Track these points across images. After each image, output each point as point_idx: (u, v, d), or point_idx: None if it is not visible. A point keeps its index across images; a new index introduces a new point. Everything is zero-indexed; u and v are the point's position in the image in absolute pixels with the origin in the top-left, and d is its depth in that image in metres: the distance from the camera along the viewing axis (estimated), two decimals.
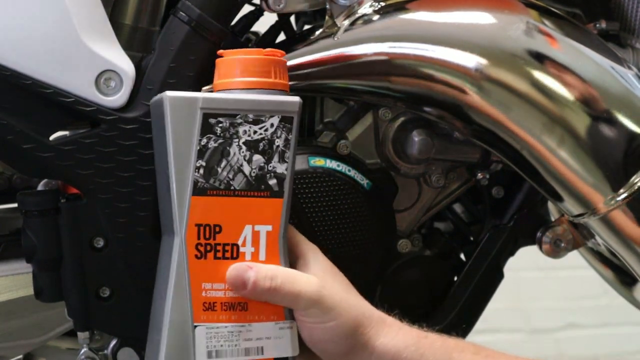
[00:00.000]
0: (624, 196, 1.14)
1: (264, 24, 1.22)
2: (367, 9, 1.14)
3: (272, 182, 1.02)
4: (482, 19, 1.14)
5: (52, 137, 1.06)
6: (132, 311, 1.07)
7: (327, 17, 1.14)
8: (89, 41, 1.04)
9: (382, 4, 1.14)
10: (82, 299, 1.07)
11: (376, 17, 1.13)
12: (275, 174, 1.02)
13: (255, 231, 1.02)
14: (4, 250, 1.12)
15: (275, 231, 1.02)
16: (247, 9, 1.19)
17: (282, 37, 1.22)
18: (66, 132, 1.10)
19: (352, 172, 1.17)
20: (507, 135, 1.14)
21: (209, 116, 1.00)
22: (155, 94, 1.07)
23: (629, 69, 1.17)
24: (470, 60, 1.12)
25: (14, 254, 1.12)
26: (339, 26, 1.13)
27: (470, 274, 1.26)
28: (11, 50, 1.03)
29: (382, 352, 1.02)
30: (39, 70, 1.03)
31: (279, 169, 1.02)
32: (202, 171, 1.00)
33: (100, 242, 1.07)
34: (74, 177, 1.06)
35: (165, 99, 1.00)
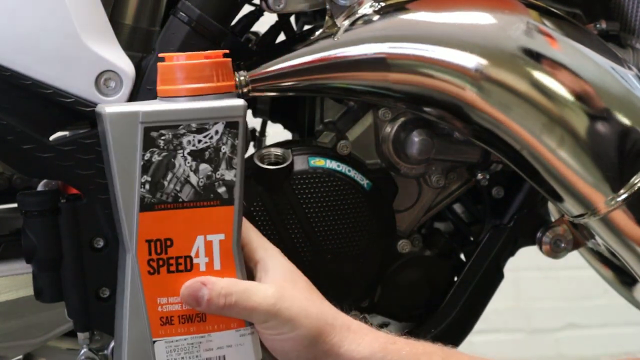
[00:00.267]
0: (624, 196, 1.14)
1: (264, 24, 1.22)
2: (367, 9, 1.14)
3: (222, 190, 1.00)
4: (482, 19, 1.14)
5: (52, 137, 1.06)
6: None
7: (327, 18, 1.14)
8: (89, 41, 1.04)
9: (382, 4, 1.14)
10: (82, 299, 1.06)
11: (376, 18, 1.13)
12: (224, 181, 1.00)
13: (207, 241, 1.00)
14: (4, 250, 1.12)
15: (228, 239, 1.00)
16: (247, 9, 1.19)
17: (282, 37, 1.22)
18: (66, 132, 1.10)
19: (352, 173, 1.17)
20: (507, 135, 1.14)
21: (151, 130, 0.97)
22: (155, 94, 1.06)
23: (629, 69, 1.17)
24: (470, 60, 1.12)
25: (14, 254, 1.12)
26: (339, 26, 1.13)
27: (470, 274, 1.26)
28: (11, 50, 1.03)
29: (348, 359, 1.00)
30: (39, 70, 1.03)
31: (228, 176, 1.00)
32: (147, 186, 0.98)
33: (100, 242, 1.07)
34: (74, 177, 1.06)
35: (104, 115, 0.98)
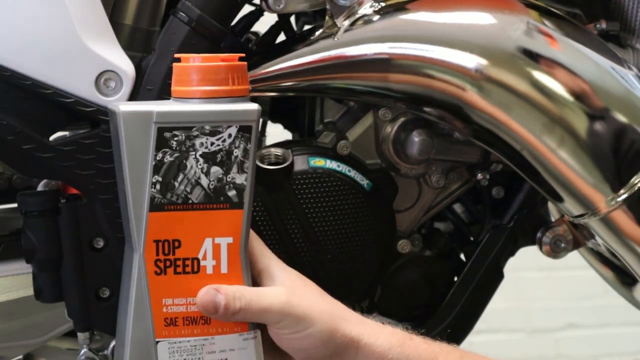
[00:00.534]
0: (624, 197, 1.14)
1: (264, 24, 1.22)
2: (367, 10, 1.14)
3: (232, 193, 1.00)
4: (482, 19, 1.14)
5: (52, 138, 1.06)
6: None
7: (327, 18, 1.14)
8: (89, 41, 1.04)
9: (382, 4, 1.14)
10: (82, 300, 1.07)
11: (376, 18, 1.13)
12: (234, 185, 1.00)
13: (215, 244, 1.00)
14: (4, 250, 1.12)
15: (236, 243, 1.00)
16: (247, 9, 1.19)
17: (282, 37, 1.22)
18: (66, 133, 1.10)
19: (352, 173, 1.17)
20: (507, 135, 1.14)
21: (164, 130, 0.97)
22: (155, 94, 1.07)
23: (629, 69, 1.17)
24: (470, 60, 1.12)
25: (14, 254, 1.12)
26: (339, 26, 1.13)
27: (470, 274, 1.26)
28: (11, 50, 1.03)
29: (368, 353, 1.01)
30: (38, 70, 1.03)
31: (238, 180, 1.00)
32: (158, 187, 0.98)
33: (100, 242, 1.07)
34: (74, 177, 1.06)
35: (118, 114, 0.97)
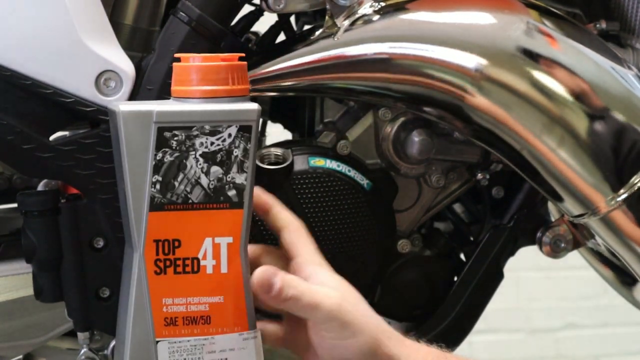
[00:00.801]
0: (624, 196, 1.14)
1: (264, 24, 1.22)
2: (367, 9, 1.14)
3: (232, 193, 1.00)
4: (482, 19, 1.14)
5: (52, 138, 1.06)
6: None
7: (327, 17, 1.14)
8: (89, 41, 1.04)
9: (382, 4, 1.14)
10: (82, 299, 1.07)
11: (376, 18, 1.13)
12: (234, 184, 1.00)
13: (215, 244, 1.00)
14: (4, 250, 1.12)
15: (236, 243, 1.00)
16: (247, 9, 1.19)
17: (282, 37, 1.22)
18: (66, 133, 1.10)
19: (352, 173, 1.17)
20: (507, 135, 1.14)
21: (164, 130, 0.97)
22: (155, 94, 1.07)
23: (629, 69, 1.17)
24: (470, 60, 1.12)
25: (14, 254, 1.12)
26: (339, 26, 1.13)
27: (470, 274, 1.26)
28: (11, 50, 1.03)
29: None
30: (38, 70, 1.03)
31: (238, 180, 1.00)
32: (158, 186, 0.98)
33: (100, 242, 1.07)
34: (74, 177, 1.06)
35: (118, 113, 0.98)
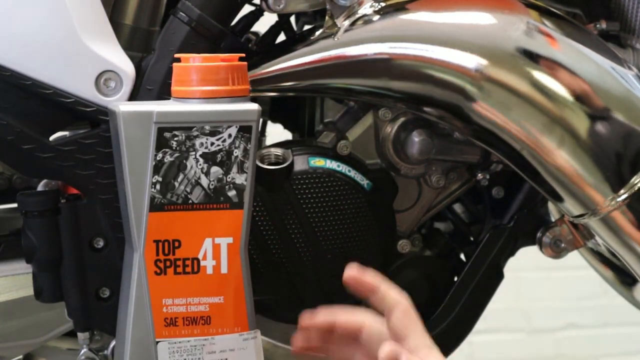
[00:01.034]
0: (624, 197, 1.14)
1: (264, 24, 1.22)
2: (367, 10, 1.14)
3: (232, 193, 1.00)
4: (482, 19, 1.14)
5: (52, 138, 1.06)
6: None
7: (327, 18, 1.14)
8: (89, 41, 1.04)
9: (382, 4, 1.14)
10: (82, 299, 1.07)
11: (376, 18, 1.13)
12: (234, 185, 1.00)
13: (215, 244, 1.00)
14: (4, 250, 1.12)
15: (236, 243, 1.01)
16: (247, 9, 1.19)
17: (282, 37, 1.22)
18: (66, 133, 1.10)
19: (352, 173, 1.17)
20: (507, 135, 1.14)
21: (164, 130, 0.98)
22: (155, 94, 1.07)
23: (629, 69, 1.17)
24: (470, 60, 1.12)
25: (14, 254, 1.12)
26: (339, 26, 1.13)
27: (470, 274, 1.26)
28: (11, 50, 1.03)
29: None
30: (39, 70, 1.03)
31: (238, 180, 1.00)
32: (158, 187, 0.98)
33: (100, 242, 1.07)
34: (74, 177, 1.06)
35: (118, 114, 0.98)
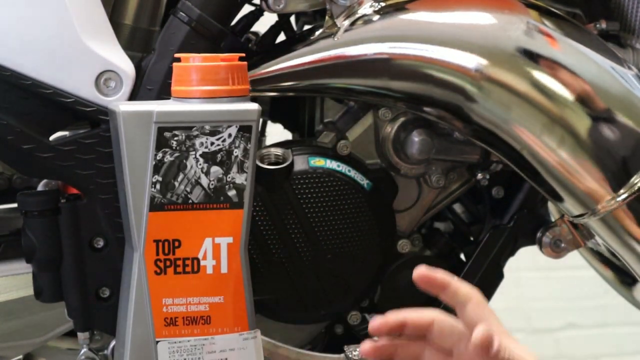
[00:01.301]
0: (624, 196, 1.14)
1: (264, 24, 1.22)
2: (367, 9, 1.14)
3: (232, 193, 1.00)
4: (482, 19, 1.14)
5: (52, 138, 1.06)
6: None
7: (327, 18, 1.14)
8: (89, 41, 1.04)
9: (382, 4, 1.14)
10: (82, 299, 1.07)
11: (376, 18, 1.13)
12: (234, 184, 1.00)
13: (215, 244, 1.00)
14: (4, 250, 1.12)
15: (236, 243, 1.01)
16: (247, 9, 1.19)
17: (282, 37, 1.22)
18: (66, 133, 1.10)
19: (352, 173, 1.17)
20: (507, 135, 1.14)
21: (164, 130, 0.98)
22: (155, 94, 1.07)
23: (629, 69, 1.17)
24: (470, 60, 1.12)
25: (14, 254, 1.12)
26: (339, 26, 1.13)
27: (470, 274, 1.26)
28: (11, 50, 1.03)
29: None
30: (38, 70, 1.03)
31: (238, 180, 1.00)
32: (158, 186, 0.99)
33: (100, 242, 1.07)
34: (74, 177, 1.06)
35: (118, 113, 0.98)
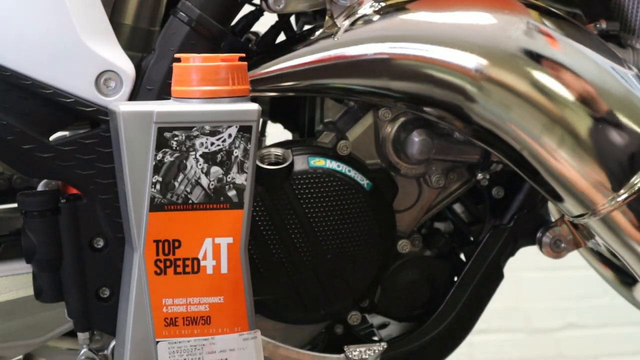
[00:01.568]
0: (624, 196, 1.14)
1: (264, 24, 1.22)
2: (367, 9, 1.14)
3: (232, 193, 1.00)
4: (482, 19, 1.14)
5: (52, 138, 1.06)
6: None
7: (327, 18, 1.14)
8: (89, 41, 1.04)
9: (382, 4, 1.14)
10: (82, 299, 1.07)
11: (376, 18, 1.13)
12: (234, 185, 1.00)
13: (215, 244, 1.00)
14: (4, 250, 1.12)
15: (236, 243, 1.01)
16: (247, 9, 1.19)
17: (282, 37, 1.22)
18: (66, 133, 1.10)
19: (352, 173, 1.17)
20: (507, 135, 1.14)
21: (164, 130, 0.98)
22: (155, 94, 1.07)
23: (629, 69, 1.17)
24: (470, 60, 1.12)
25: (14, 254, 1.12)
26: (339, 26, 1.13)
27: (470, 274, 1.26)
28: (11, 50, 1.03)
29: None
30: (39, 70, 1.03)
31: (239, 180, 1.00)
32: (158, 187, 0.99)
33: (100, 242, 1.07)
34: (74, 177, 1.06)
35: (118, 114, 0.98)
